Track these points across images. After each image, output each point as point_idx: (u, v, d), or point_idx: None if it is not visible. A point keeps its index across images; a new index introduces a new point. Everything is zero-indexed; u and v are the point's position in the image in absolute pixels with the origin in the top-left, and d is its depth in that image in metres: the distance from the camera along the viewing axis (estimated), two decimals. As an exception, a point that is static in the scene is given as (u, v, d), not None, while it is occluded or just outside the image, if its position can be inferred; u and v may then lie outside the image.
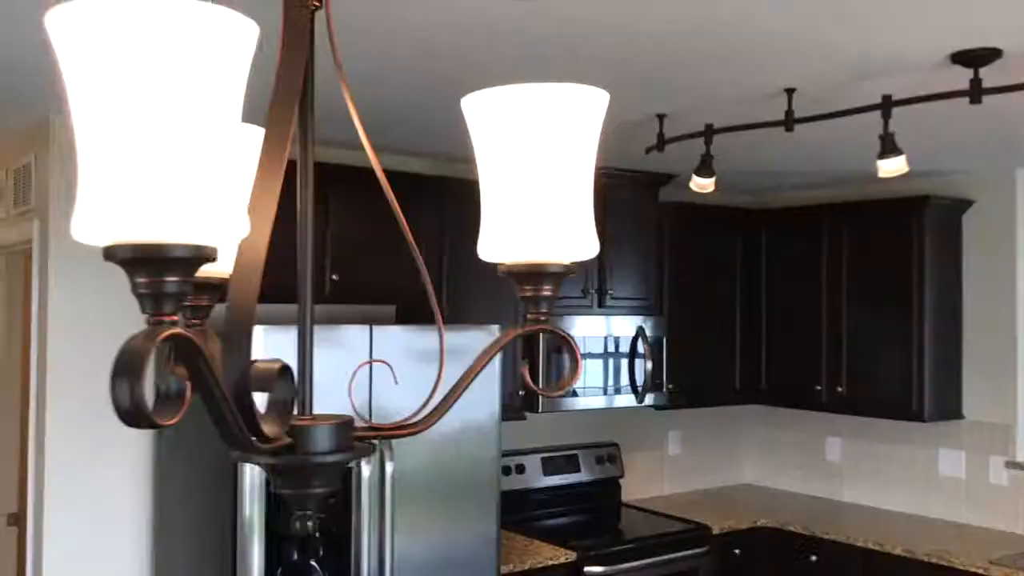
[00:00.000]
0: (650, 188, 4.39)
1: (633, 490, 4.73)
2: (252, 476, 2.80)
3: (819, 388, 4.53)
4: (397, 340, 3.09)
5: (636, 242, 4.35)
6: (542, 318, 0.97)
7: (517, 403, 3.93)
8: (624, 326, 4.23)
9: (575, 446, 4.47)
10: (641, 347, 4.24)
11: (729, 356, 4.76)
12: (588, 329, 4.11)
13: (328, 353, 2.92)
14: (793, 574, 4.25)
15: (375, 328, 3.05)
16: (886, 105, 2.50)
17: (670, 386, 4.42)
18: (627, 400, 4.24)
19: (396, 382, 1.83)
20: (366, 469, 2.96)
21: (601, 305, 4.22)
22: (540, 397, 3.96)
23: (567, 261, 0.94)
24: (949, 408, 4.29)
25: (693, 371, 4.58)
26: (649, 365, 4.24)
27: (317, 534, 2.88)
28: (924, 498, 4.45)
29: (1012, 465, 4.15)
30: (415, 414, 0.99)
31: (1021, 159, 4.06)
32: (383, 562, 2.98)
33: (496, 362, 3.33)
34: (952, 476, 4.36)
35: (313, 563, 2.88)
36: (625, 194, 4.29)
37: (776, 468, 5.10)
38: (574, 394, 4.06)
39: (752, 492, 4.98)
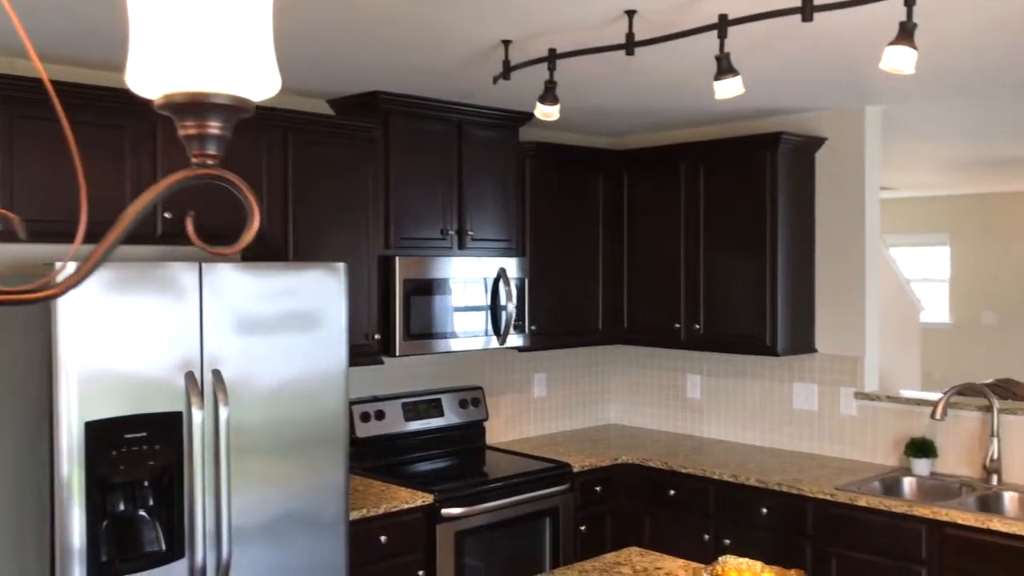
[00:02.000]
0: (509, 127, 4.30)
1: (498, 433, 4.70)
2: (69, 430, 2.61)
3: (678, 326, 4.57)
4: (229, 279, 2.93)
5: (496, 182, 4.27)
6: (209, 161, 0.84)
7: (373, 347, 3.82)
8: (486, 267, 4.15)
9: (438, 391, 4.40)
10: (503, 288, 4.18)
11: (592, 297, 4.76)
12: (449, 271, 4.03)
13: (152, 293, 2.76)
14: (653, 507, 4.31)
15: (205, 266, 2.88)
16: (722, 24, 2.47)
17: (533, 327, 4.38)
18: (490, 342, 4.18)
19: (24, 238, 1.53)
20: (198, 414, 2.80)
21: (462, 246, 4.13)
22: (398, 340, 3.86)
23: (237, 93, 0.82)
24: (802, 343, 4.40)
25: (556, 312, 4.56)
26: (511, 306, 4.19)
27: (145, 483, 2.73)
28: (780, 431, 4.57)
29: (861, 396, 4.29)
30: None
31: (869, 96, 4.14)
32: (220, 511, 2.85)
33: (343, 306, 3.20)
34: (806, 409, 4.48)
35: (142, 512, 2.73)
36: (483, 132, 4.20)
37: (640, 407, 5.16)
38: (435, 337, 3.98)
39: (617, 431, 5.03)
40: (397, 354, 3.85)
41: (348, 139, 3.76)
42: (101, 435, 2.65)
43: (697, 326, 4.51)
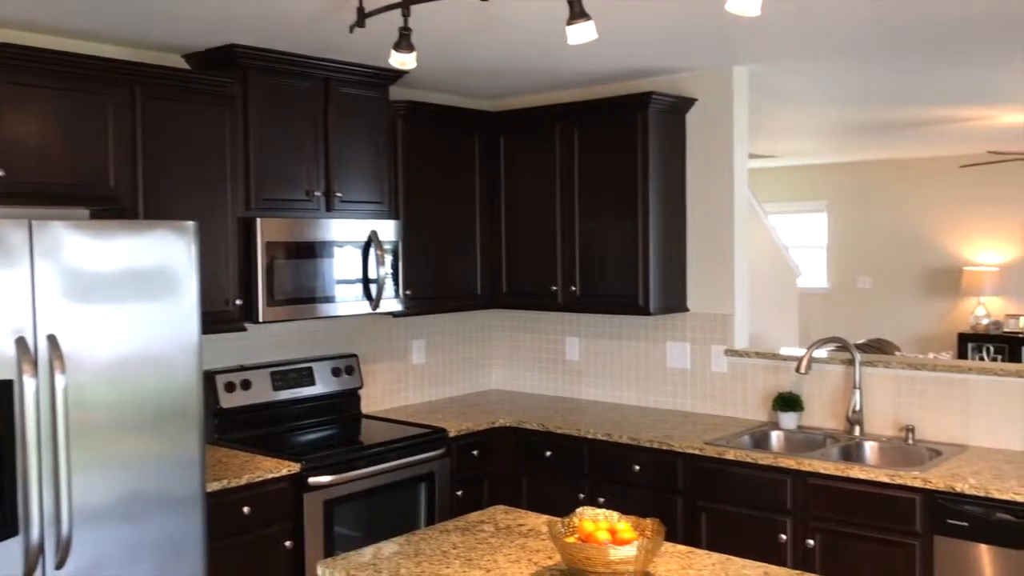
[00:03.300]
0: (379, 85, 4.17)
1: (375, 401, 4.60)
2: None
3: (555, 289, 4.55)
4: (64, 239, 2.74)
5: (366, 142, 4.14)
6: None
7: (234, 313, 3.67)
8: (356, 230, 4.03)
9: (309, 359, 4.27)
10: (374, 252, 4.07)
11: (470, 260, 4.69)
12: (316, 233, 3.89)
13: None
14: (530, 469, 4.29)
15: (36, 225, 2.68)
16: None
17: (407, 292, 4.29)
18: (362, 307, 4.07)
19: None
20: (31, 383, 2.62)
21: (330, 208, 4.00)
22: (261, 305, 3.71)
23: None
24: (675, 302, 4.43)
25: (433, 276, 4.48)
26: (383, 271, 4.08)
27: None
28: (655, 390, 4.61)
29: (731, 353, 4.36)
30: None
31: (737, 56, 4.18)
32: (58, 486, 2.68)
33: (194, 268, 3.05)
34: (679, 367, 4.53)
35: (-32, 491, 2.54)
36: (351, 90, 4.06)
37: (520, 371, 5.14)
38: (302, 302, 3.84)
39: (498, 396, 4.99)
40: (261, 320, 3.71)
41: (204, 95, 3.58)
42: (-81, 406, 2.45)
43: (573, 288, 4.50)
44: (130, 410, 2.91)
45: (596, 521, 2.34)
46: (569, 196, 4.50)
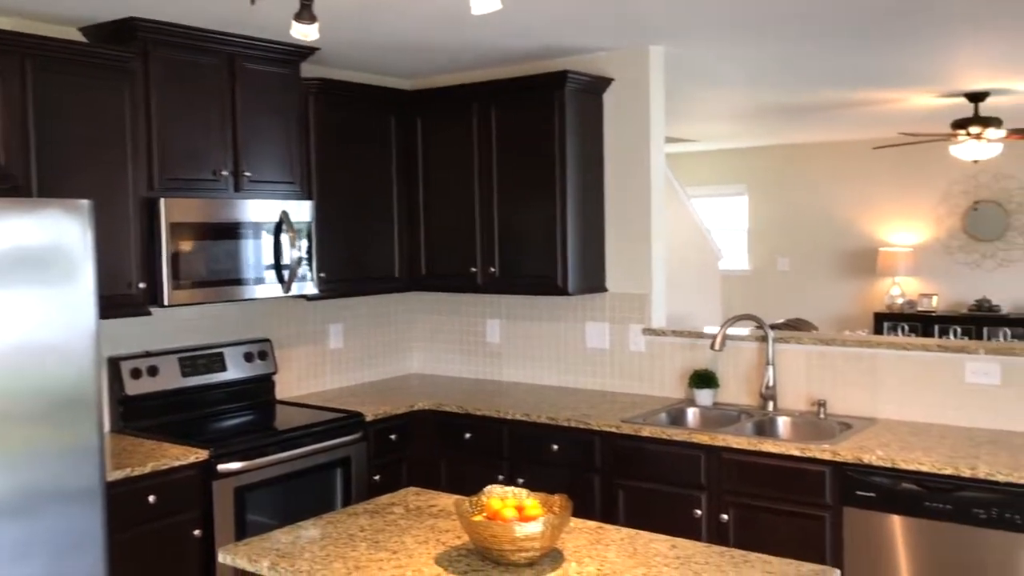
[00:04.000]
0: (289, 61, 4.06)
1: (291, 387, 4.51)
2: None
3: (474, 270, 4.51)
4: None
5: (277, 121, 4.03)
6: None
7: (137, 297, 3.54)
8: (267, 211, 3.92)
9: (220, 344, 4.15)
10: (285, 233, 3.97)
11: (387, 242, 4.62)
12: (224, 214, 3.77)
13: None
14: (449, 452, 4.25)
15: (-88, 201, 2.54)
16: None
17: (322, 274, 4.20)
18: (274, 291, 3.97)
19: None
20: (-91, 368, 2.48)
21: (238, 188, 3.88)
22: (166, 289, 3.58)
23: None
24: (594, 282, 4.43)
25: (348, 258, 4.39)
26: (295, 252, 3.99)
27: None
28: (575, 370, 4.61)
29: (648, 332, 4.37)
30: None
31: (652, 36, 4.18)
32: (-59, 475, 2.55)
33: (89, 249, 2.92)
34: (598, 347, 4.53)
35: None
36: (259, 67, 3.94)
37: (441, 354, 5.09)
38: (210, 285, 3.73)
39: (418, 380, 4.94)
40: (166, 304, 3.58)
41: (101, 69, 3.43)
42: None
43: (493, 269, 4.46)
44: (22, 399, 2.78)
45: (504, 499, 2.31)
46: (488, 176, 4.46)
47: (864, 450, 3.25)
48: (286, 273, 3.97)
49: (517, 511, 2.24)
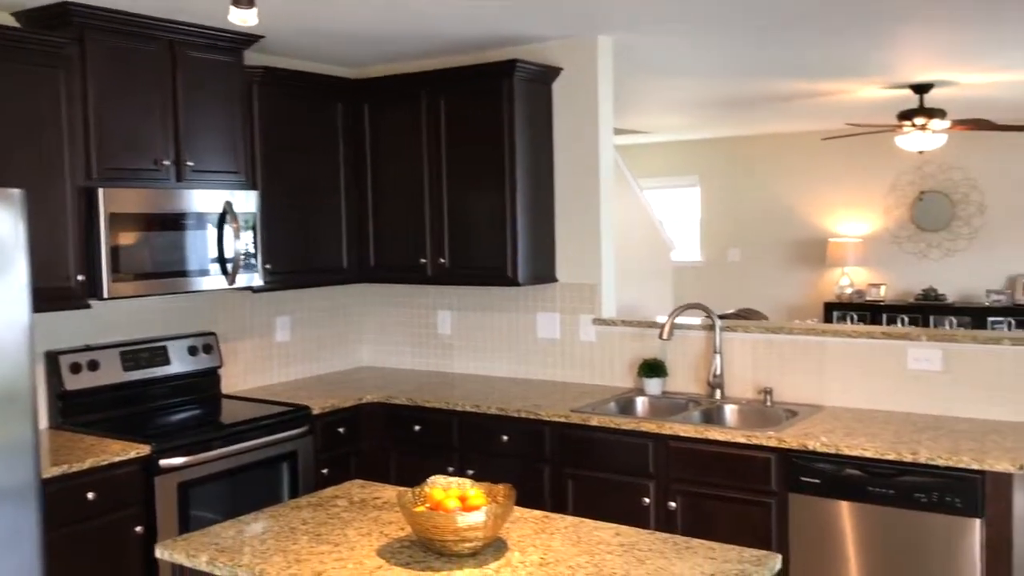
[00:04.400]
0: (232, 49, 3.99)
1: (237, 381, 4.44)
2: None
3: (424, 261, 4.47)
4: None
5: (220, 110, 3.95)
6: None
7: (76, 290, 3.45)
8: (210, 201, 3.85)
9: (163, 338, 4.07)
10: (229, 224, 3.90)
11: (335, 233, 4.56)
12: (166, 205, 3.70)
13: None
14: (398, 444, 4.22)
15: None
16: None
17: (267, 266, 4.14)
18: (218, 283, 3.90)
19: None
20: None
21: (180, 178, 3.80)
22: (105, 281, 3.50)
23: None
24: (544, 273, 4.42)
25: (295, 250, 4.34)
26: (240, 244, 3.92)
27: None
28: (526, 361, 4.60)
29: (599, 322, 4.37)
30: None
31: (601, 25, 4.17)
32: None
33: (21, 240, 2.84)
34: (549, 337, 4.52)
35: None
36: (201, 54, 3.86)
37: (392, 347, 5.04)
38: (152, 277, 3.65)
39: (368, 373, 4.89)
40: (105, 296, 3.50)
41: (35, 55, 3.33)
42: None
43: (442, 260, 4.43)
44: (-49, 393, 2.70)
45: (447, 489, 2.29)
46: (436, 166, 4.42)
47: (809, 436, 3.28)
48: (230, 265, 3.91)
49: (460, 501, 2.22)
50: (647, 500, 3.55)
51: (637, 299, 6.61)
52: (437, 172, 4.41)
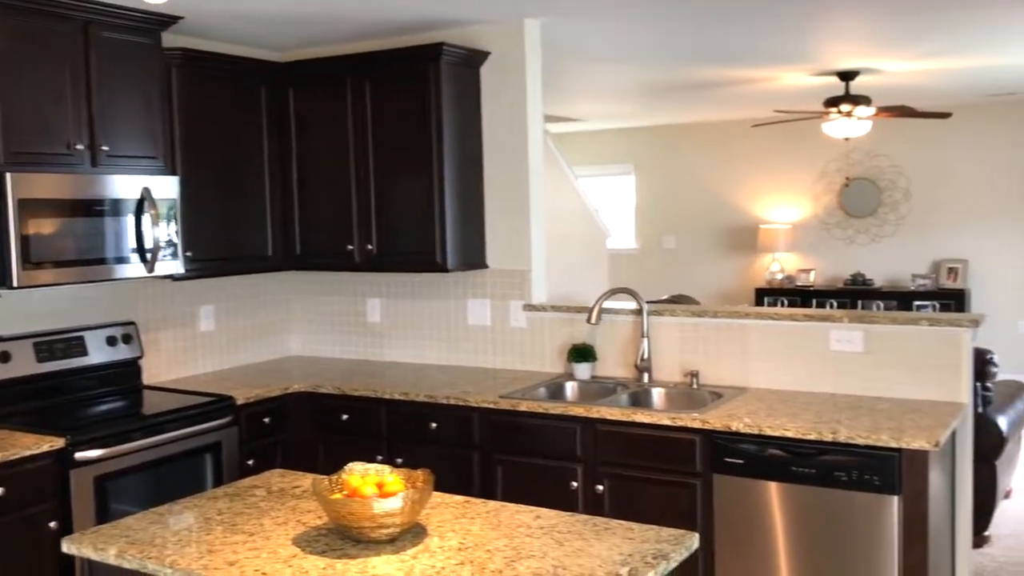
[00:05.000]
0: (149, 30, 3.87)
1: (160, 372, 4.33)
2: None
3: (351, 248, 4.41)
4: None
5: (137, 93, 3.83)
6: None
7: (-20, 277, 3.32)
8: (128, 187, 3.74)
9: (80, 328, 3.95)
10: (148, 210, 3.79)
11: (260, 220, 4.47)
12: (80, 190, 3.57)
13: None
14: (326, 434, 4.16)
15: None
16: None
17: (188, 253, 4.03)
18: (137, 271, 3.79)
19: None
20: None
21: (95, 163, 3.68)
22: (15, 269, 3.37)
23: None
24: (474, 259, 4.39)
25: (218, 237, 4.24)
26: (159, 231, 3.81)
27: None
28: (457, 348, 4.57)
29: (529, 308, 4.36)
30: None
31: (528, 8, 4.14)
32: None
33: (-78, 220, 2.72)
34: (480, 324, 4.50)
35: None
36: (116, 35, 3.73)
37: (321, 336, 4.97)
38: (65, 265, 3.53)
39: (296, 363, 4.81)
40: (15, 285, 3.37)
41: (-65, 34, 3.20)
42: None
43: (370, 247, 4.37)
44: None
45: (364, 476, 2.25)
46: (363, 151, 4.36)
47: (732, 418, 3.31)
48: (149, 253, 3.80)
49: (377, 488, 2.18)
50: (575, 484, 3.56)
51: (572, 286, 6.62)
52: (364, 157, 4.35)
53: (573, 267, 7.92)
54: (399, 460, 3.88)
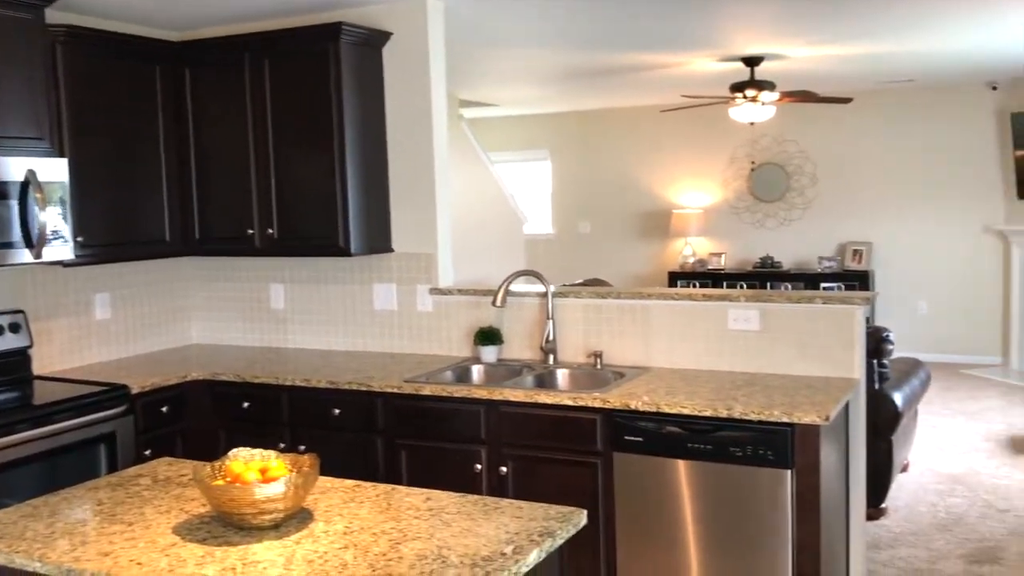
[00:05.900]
0: (29, 5, 3.69)
1: (52, 361, 4.17)
2: None
3: (252, 232, 4.31)
4: None
5: (17, 71, 3.65)
6: None
7: None
8: (11, 169, 3.57)
9: (-38, 316, 3.78)
10: (33, 194, 3.64)
11: (155, 204, 4.34)
12: (-41, 174, 3.41)
13: None
14: (227, 422, 4.07)
15: None
16: None
17: (79, 239, 3.89)
18: (22, 256, 3.63)
19: None
20: None
21: (-26, 145, 3.52)
22: None
23: None
24: (379, 243, 4.34)
25: (111, 222, 4.10)
26: (45, 215, 3.66)
27: None
28: (363, 333, 4.51)
29: (435, 291, 4.33)
30: None
31: (429, -10, 4.10)
32: None
33: None
34: (386, 308, 4.45)
35: None
36: (-6, 10, 3.57)
37: (223, 323, 4.86)
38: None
39: (197, 351, 4.69)
40: None
41: None
42: None
43: (271, 231, 4.28)
44: None
45: (248, 462, 2.20)
46: (263, 133, 4.26)
47: (632, 397, 3.34)
48: (36, 238, 3.65)
49: (260, 473, 2.13)
50: (479, 466, 3.55)
51: (487, 271, 6.62)
52: (263, 139, 4.25)
53: (490, 252, 7.92)
54: (302, 447, 3.82)
